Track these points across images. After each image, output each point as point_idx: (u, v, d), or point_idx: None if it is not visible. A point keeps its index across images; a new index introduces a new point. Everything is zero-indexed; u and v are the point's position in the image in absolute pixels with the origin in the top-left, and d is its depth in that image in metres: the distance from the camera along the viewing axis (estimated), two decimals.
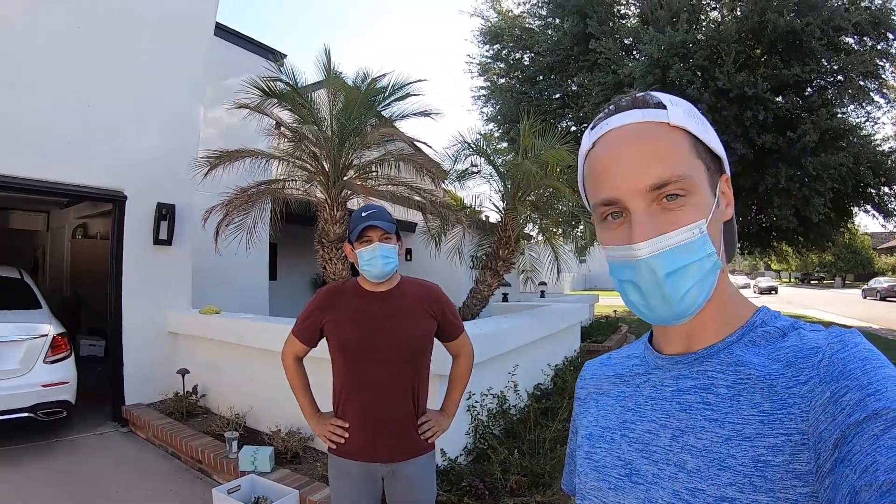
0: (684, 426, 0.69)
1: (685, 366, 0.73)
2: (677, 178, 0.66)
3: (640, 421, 0.76)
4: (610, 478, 0.75)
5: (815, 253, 20.09)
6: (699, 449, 0.66)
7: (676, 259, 0.66)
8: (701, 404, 0.69)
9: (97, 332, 8.64)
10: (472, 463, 4.16)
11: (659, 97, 0.71)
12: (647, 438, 0.73)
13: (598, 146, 0.72)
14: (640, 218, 0.67)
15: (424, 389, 2.27)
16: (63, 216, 10.20)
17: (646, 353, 0.82)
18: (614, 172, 0.69)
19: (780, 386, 0.63)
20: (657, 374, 0.77)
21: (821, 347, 0.64)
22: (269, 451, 4.11)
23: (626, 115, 0.70)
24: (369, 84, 5.55)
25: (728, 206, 0.73)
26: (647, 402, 0.76)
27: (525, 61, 14.49)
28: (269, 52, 8.82)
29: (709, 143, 0.70)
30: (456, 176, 6.65)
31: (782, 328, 0.70)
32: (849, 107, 11.85)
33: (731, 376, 0.68)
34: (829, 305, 25.23)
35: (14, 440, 4.81)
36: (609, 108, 0.73)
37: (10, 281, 5.79)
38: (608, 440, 0.79)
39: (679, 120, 0.69)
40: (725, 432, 0.64)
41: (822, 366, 0.61)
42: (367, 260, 2.13)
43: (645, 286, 0.68)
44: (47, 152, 5.26)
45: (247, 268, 8.01)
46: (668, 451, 0.69)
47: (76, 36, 5.45)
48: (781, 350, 0.67)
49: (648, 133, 0.68)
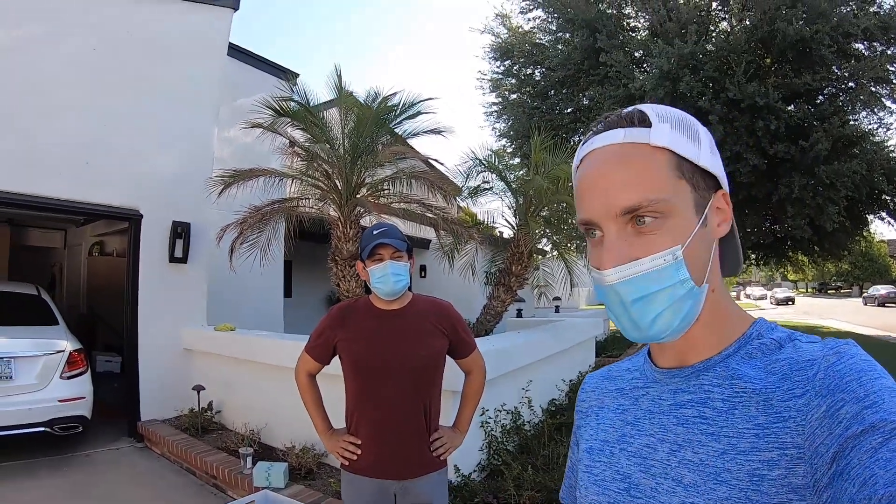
0: (681, 440, 0.69)
1: (682, 379, 0.73)
2: (649, 202, 0.65)
3: (639, 435, 0.76)
4: (609, 492, 0.75)
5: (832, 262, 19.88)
6: (696, 463, 0.66)
7: (643, 286, 0.66)
8: (698, 418, 0.69)
9: (113, 348, 8.72)
10: (486, 479, 4.14)
11: (647, 113, 0.70)
12: (646, 452, 0.73)
13: (583, 164, 0.73)
14: (610, 242, 0.68)
15: (436, 406, 2.27)
16: (80, 234, 10.33)
17: (644, 367, 0.82)
18: (591, 194, 0.70)
19: (776, 399, 0.63)
20: (655, 388, 0.77)
21: (816, 360, 0.63)
22: (284, 466, 4.12)
23: (609, 135, 0.70)
24: (380, 102, 5.60)
25: (723, 224, 0.71)
26: (645, 415, 0.76)
27: (536, 76, 14.52)
28: (281, 71, 8.91)
29: (697, 160, 0.69)
30: (468, 192, 6.67)
31: (779, 340, 0.69)
32: (861, 113, 11.75)
33: (727, 389, 0.67)
34: (846, 315, 24.94)
35: (31, 454, 4.85)
36: (599, 124, 0.73)
37: (28, 297, 5.88)
38: (607, 454, 0.79)
39: (662, 140, 0.67)
40: (721, 446, 0.64)
41: (817, 378, 0.61)
42: (378, 278, 2.14)
43: (613, 309, 0.70)
44: (66, 172, 5.39)
45: (261, 285, 8.05)
46: (666, 466, 0.69)
47: (94, 60, 5.59)
48: (777, 362, 0.66)
49: (626, 155, 0.68)
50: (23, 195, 5.18)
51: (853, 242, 14.40)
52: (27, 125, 5.18)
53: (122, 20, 5.83)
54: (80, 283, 10.44)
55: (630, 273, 0.66)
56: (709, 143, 0.71)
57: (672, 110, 0.71)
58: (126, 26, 5.85)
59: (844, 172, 9.98)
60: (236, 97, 7.93)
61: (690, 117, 0.72)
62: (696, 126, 0.71)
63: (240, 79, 8.20)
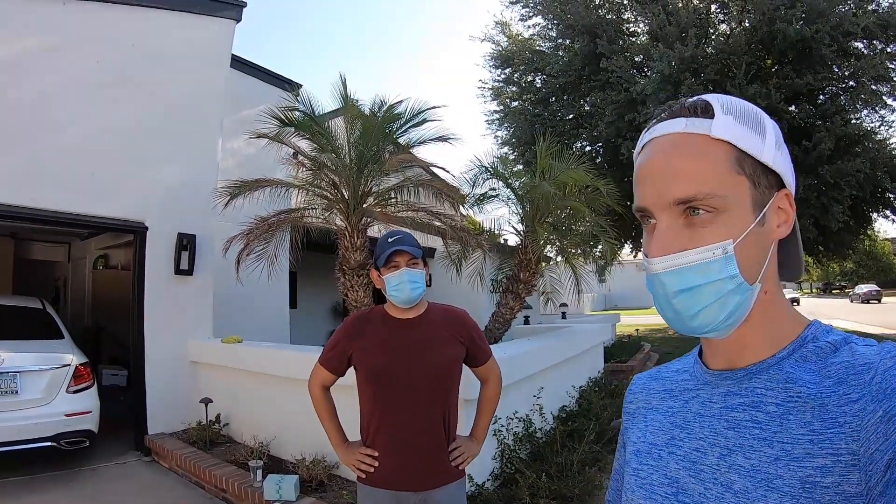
0: (732, 445, 0.67)
1: (734, 382, 0.71)
2: (704, 195, 0.64)
3: (688, 438, 0.74)
4: (656, 496, 0.74)
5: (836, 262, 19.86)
6: (747, 469, 0.64)
7: (689, 278, 0.66)
8: (749, 422, 0.67)
9: (119, 361, 8.70)
10: (500, 488, 4.12)
11: (712, 104, 0.68)
12: (695, 456, 0.71)
13: (643, 152, 0.72)
14: (660, 231, 0.67)
15: (454, 415, 2.25)
16: (84, 247, 10.34)
17: (695, 368, 0.80)
18: (646, 182, 0.69)
19: (831, 404, 0.61)
20: (706, 390, 0.75)
21: (873, 364, 0.61)
22: (294, 479, 4.09)
23: (671, 124, 0.69)
24: (386, 111, 5.60)
25: (783, 225, 0.69)
26: (695, 418, 0.74)
27: (537, 83, 14.60)
28: (284, 82, 8.93)
29: (759, 156, 0.67)
30: (474, 200, 6.67)
31: (834, 343, 0.67)
32: (862, 112, 11.82)
33: (781, 394, 0.66)
34: (852, 314, 25.00)
35: (38, 469, 4.84)
36: (663, 112, 0.73)
37: (33, 311, 5.87)
38: (655, 457, 0.77)
39: (724, 132, 0.66)
40: (774, 452, 0.62)
41: (874, 383, 0.59)
42: (394, 285, 2.12)
43: (658, 299, 0.69)
44: (70, 185, 5.40)
45: (268, 296, 8.04)
46: (716, 470, 0.67)
47: (98, 73, 5.61)
48: (832, 366, 0.64)
49: (685, 146, 0.67)
50: (26, 208, 5.19)
51: (857, 241, 14.41)
52: (31, 138, 5.20)
53: (124, 33, 5.86)
54: (85, 296, 10.45)
55: (676, 263, 0.66)
56: (774, 139, 0.69)
57: (739, 102, 0.69)
58: (129, 39, 5.87)
59: (848, 171, 10.00)
60: (240, 108, 7.93)
61: (758, 110, 0.70)
62: (763, 119, 0.69)
63: (243, 90, 8.21)
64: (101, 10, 5.68)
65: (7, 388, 4.63)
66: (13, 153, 5.09)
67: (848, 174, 10.04)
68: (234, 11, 6.87)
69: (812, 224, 10.96)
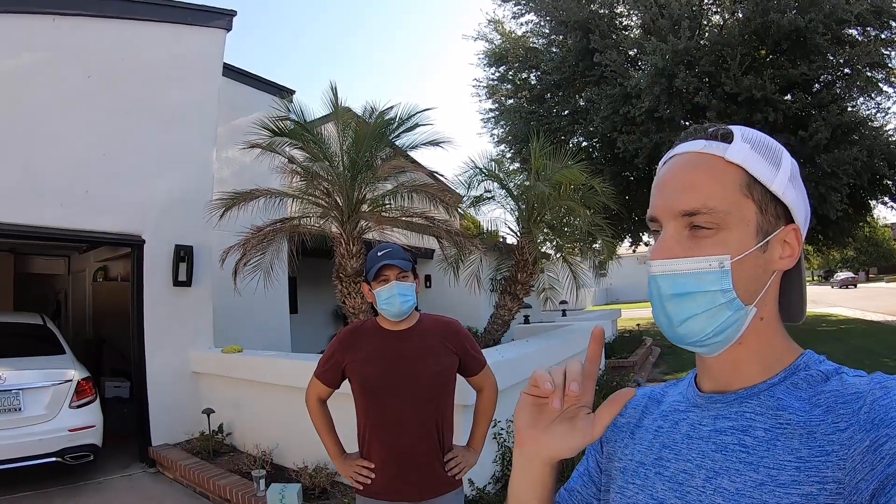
0: (719, 468, 0.67)
1: (724, 405, 0.72)
2: (707, 209, 0.67)
3: (676, 459, 0.73)
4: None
5: (836, 250, 19.80)
6: (731, 493, 0.64)
7: (683, 284, 0.68)
8: (737, 446, 0.67)
9: (121, 372, 8.71)
10: (501, 490, 4.13)
11: (734, 132, 0.71)
12: (682, 478, 0.71)
13: (664, 167, 0.76)
14: (664, 238, 0.71)
15: (449, 425, 2.26)
16: (83, 260, 10.36)
17: (688, 391, 0.80)
18: (658, 193, 0.73)
19: (819, 433, 0.61)
20: (696, 413, 0.76)
21: (862, 393, 0.62)
22: (297, 487, 4.09)
23: (691, 144, 0.73)
24: (378, 117, 5.59)
25: (786, 258, 0.70)
26: (683, 439, 0.75)
27: (532, 80, 14.57)
28: (277, 89, 8.93)
29: (770, 185, 0.69)
30: (470, 202, 6.66)
31: (825, 372, 0.68)
32: (858, 100, 11.79)
33: (770, 420, 0.66)
34: (852, 301, 25.06)
35: (43, 484, 4.85)
36: (687, 135, 0.76)
37: (34, 328, 5.89)
38: (642, 476, 0.77)
39: (738, 157, 0.69)
40: (759, 477, 0.62)
41: (862, 412, 0.60)
42: (385, 299, 2.14)
43: (653, 301, 0.72)
44: (66, 201, 5.40)
45: (267, 303, 8.04)
46: (702, 493, 0.67)
47: (90, 88, 5.62)
48: (822, 395, 0.65)
49: (699, 163, 0.70)
50: (24, 226, 5.20)
51: (857, 229, 14.38)
52: (26, 155, 5.20)
53: (114, 46, 5.85)
54: (86, 309, 10.47)
55: (672, 268, 0.69)
56: (789, 173, 0.71)
57: (762, 136, 0.72)
58: (119, 52, 5.87)
59: (845, 160, 9.98)
60: (234, 117, 7.93)
61: (779, 146, 0.72)
62: (781, 154, 0.72)
63: (236, 98, 8.21)
64: (89, 25, 5.68)
65: (10, 406, 4.64)
66: (8, 169, 5.10)
67: (845, 162, 10.02)
68: (223, 21, 6.86)
69: (811, 213, 10.93)
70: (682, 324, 0.69)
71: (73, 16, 5.56)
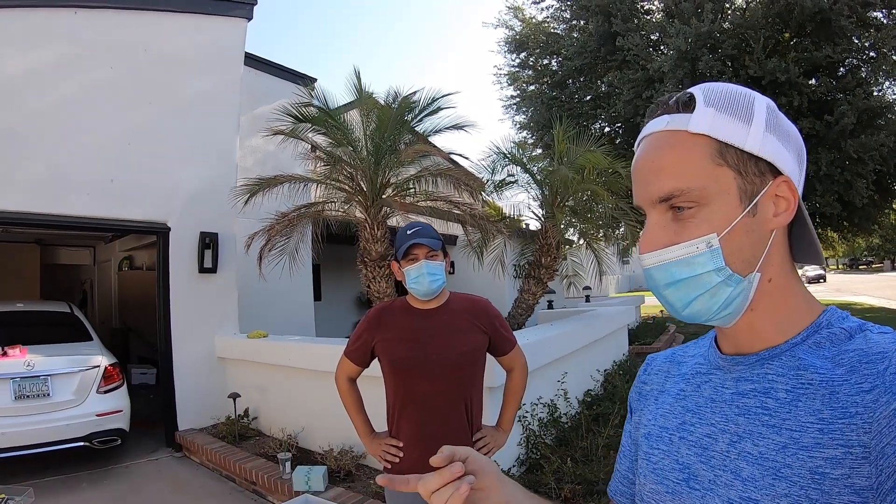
0: (742, 431, 0.66)
1: (746, 367, 0.70)
2: (680, 191, 0.65)
3: (700, 423, 0.73)
4: (668, 481, 0.73)
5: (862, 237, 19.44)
6: (755, 456, 0.63)
7: (675, 272, 0.67)
8: (759, 409, 0.66)
9: (147, 360, 8.86)
10: (525, 474, 4.12)
11: (696, 96, 0.67)
12: (706, 442, 0.70)
13: (637, 151, 0.74)
14: (649, 228, 0.70)
15: (478, 404, 2.25)
16: (109, 250, 10.52)
17: (709, 352, 0.79)
18: (636, 182, 0.72)
19: (843, 392, 0.59)
20: (718, 375, 0.74)
21: (888, 353, 0.59)
22: (323, 470, 4.14)
23: (656, 122, 0.71)
24: (401, 101, 5.59)
25: (782, 213, 0.67)
26: (706, 403, 0.74)
27: (553, 66, 14.40)
28: (298, 77, 8.95)
29: (743, 145, 0.65)
30: (493, 187, 6.63)
31: (849, 329, 0.66)
32: (884, 84, 11.47)
33: (792, 380, 0.64)
34: (879, 291, 24.55)
35: (71, 468, 4.95)
36: (654, 108, 0.73)
37: (62, 315, 6.00)
38: (666, 441, 0.76)
39: (701, 126, 0.65)
40: (782, 440, 0.61)
41: (888, 374, 0.57)
42: (414, 278, 2.13)
43: (652, 290, 0.71)
44: (93, 191, 5.48)
45: (291, 290, 8.10)
46: (726, 457, 0.67)
47: (113, 79, 5.68)
48: (846, 353, 0.63)
49: (666, 144, 0.68)
50: (51, 215, 5.29)
51: (883, 216, 14.09)
52: (51, 146, 5.27)
53: (137, 37, 5.90)
54: (112, 297, 10.64)
55: (662, 259, 0.68)
56: (764, 124, 0.66)
57: (727, 88, 0.68)
58: (141, 43, 5.92)
59: (871, 146, 9.74)
60: (256, 106, 7.98)
61: (749, 94, 0.68)
62: (753, 104, 0.67)
63: (258, 87, 8.25)
64: (111, 17, 5.73)
65: (39, 392, 4.74)
66: (35, 161, 5.18)
67: (871, 148, 9.77)
68: (244, 10, 6.88)
69: (836, 200, 10.72)
70: (686, 308, 0.69)
71: (94, 8, 5.61)
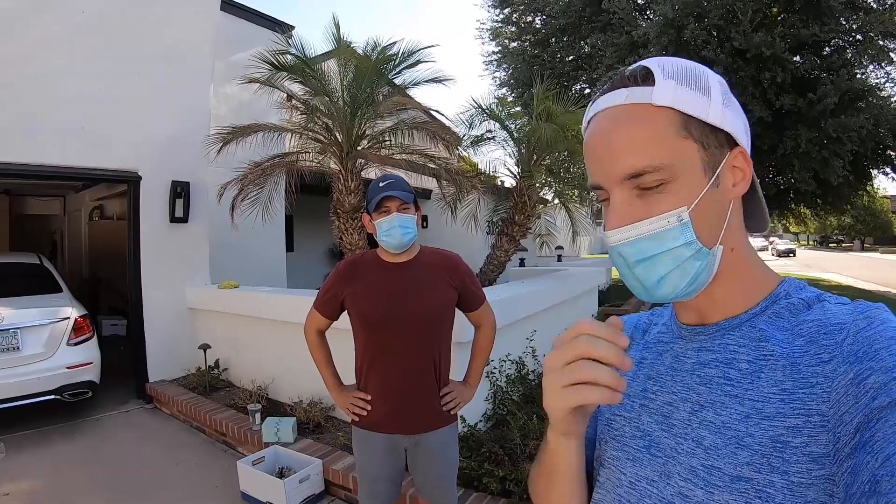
0: (704, 400, 0.67)
1: (707, 337, 0.71)
2: (652, 168, 0.64)
3: (661, 391, 0.74)
4: (629, 448, 0.74)
5: (834, 215, 19.87)
6: (717, 425, 0.64)
7: (646, 248, 0.65)
8: (721, 379, 0.67)
9: (118, 311, 8.77)
10: (492, 429, 4.19)
11: (652, 69, 0.66)
12: (667, 410, 0.71)
13: (590, 128, 0.71)
14: (614, 206, 0.67)
15: (446, 360, 2.26)
16: (79, 199, 10.31)
17: (671, 321, 0.80)
18: (595, 159, 0.69)
19: (803, 364, 0.61)
20: (679, 344, 0.75)
21: (845, 324, 0.61)
22: (292, 421, 4.17)
23: (612, 96, 0.68)
24: (380, 52, 5.47)
25: (739, 183, 0.68)
26: (667, 371, 0.74)
27: (537, 24, 14.25)
28: (276, 24, 8.71)
29: (706, 118, 0.65)
30: (470, 142, 6.59)
31: (807, 300, 0.67)
32: (868, 67, 11.56)
33: (753, 351, 0.65)
34: (846, 269, 25.17)
35: (42, 422, 4.91)
36: (604, 83, 0.70)
37: (31, 267, 5.87)
38: (628, 408, 0.77)
39: (665, 99, 0.64)
40: (744, 409, 0.62)
41: (846, 344, 0.59)
42: (385, 230, 2.11)
43: (620, 270, 0.69)
44: (63, 139, 5.29)
45: (263, 241, 8.04)
46: (687, 425, 0.68)
47: (86, 25, 5.43)
48: (804, 324, 0.64)
49: (628, 118, 0.66)
50: (20, 164, 5.10)
51: (856, 197, 14.38)
52: (20, 94, 5.06)
53: None
54: (82, 248, 10.48)
55: (632, 235, 0.66)
56: (721, 97, 0.66)
57: (680, 62, 0.67)
58: None
59: (851, 126, 9.85)
60: (231, 52, 7.75)
61: (702, 68, 0.68)
62: (708, 78, 0.67)
63: (234, 33, 8.01)
64: None
65: (9, 345, 4.65)
66: (3, 109, 4.95)
67: (851, 129, 9.88)
68: None
69: (812, 177, 10.88)
70: (656, 286, 0.67)
71: None
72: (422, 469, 2.23)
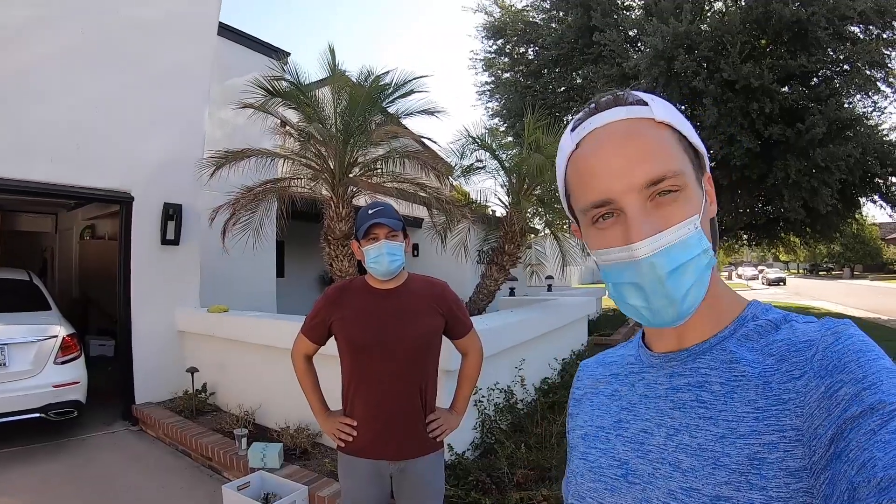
0: (678, 425, 0.68)
1: (678, 363, 0.72)
2: (672, 173, 0.64)
3: (635, 420, 0.74)
4: (605, 478, 0.74)
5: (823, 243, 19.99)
6: (693, 448, 0.65)
7: (677, 256, 0.64)
8: (695, 402, 0.68)
9: (106, 332, 8.69)
10: (480, 457, 4.17)
11: (639, 94, 0.70)
12: (642, 437, 0.72)
13: (583, 147, 0.70)
14: (636, 217, 0.65)
15: (433, 387, 2.26)
16: (71, 218, 10.25)
17: (639, 352, 0.81)
18: (605, 172, 0.66)
19: (775, 382, 0.62)
20: (651, 373, 0.76)
21: (814, 340, 0.62)
22: (279, 447, 4.13)
23: (609, 114, 0.68)
24: (373, 81, 5.55)
25: (712, 204, 0.71)
26: (640, 400, 0.75)
27: (529, 55, 14.47)
28: (272, 50, 8.82)
29: (691, 139, 0.69)
30: (461, 171, 6.64)
31: (774, 321, 0.69)
32: (855, 97, 11.76)
33: (725, 373, 0.67)
34: (838, 297, 25.12)
35: (27, 440, 4.85)
36: (589, 107, 0.71)
37: (20, 283, 5.83)
38: (603, 439, 0.78)
39: (665, 115, 0.67)
40: (719, 430, 0.63)
41: (815, 360, 0.60)
42: (373, 257, 2.12)
43: (648, 286, 0.66)
44: (56, 157, 5.30)
45: (254, 266, 8.02)
46: (663, 450, 0.68)
47: (83, 43, 5.48)
48: (774, 344, 0.66)
49: (636, 130, 0.66)
50: (12, 180, 5.09)
51: (845, 225, 14.51)
52: (15, 110, 5.08)
53: (109, 3, 5.71)
54: (72, 267, 10.39)
55: (663, 243, 0.64)
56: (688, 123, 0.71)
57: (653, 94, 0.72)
58: (114, 8, 5.73)
59: (839, 155, 10.01)
60: (227, 77, 7.83)
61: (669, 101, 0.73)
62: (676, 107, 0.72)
63: (231, 59, 8.09)
64: None
65: None
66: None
67: (839, 158, 10.04)
68: None
69: (801, 206, 11.01)
70: (683, 299, 0.65)
71: None
72: (407, 496, 2.22)
